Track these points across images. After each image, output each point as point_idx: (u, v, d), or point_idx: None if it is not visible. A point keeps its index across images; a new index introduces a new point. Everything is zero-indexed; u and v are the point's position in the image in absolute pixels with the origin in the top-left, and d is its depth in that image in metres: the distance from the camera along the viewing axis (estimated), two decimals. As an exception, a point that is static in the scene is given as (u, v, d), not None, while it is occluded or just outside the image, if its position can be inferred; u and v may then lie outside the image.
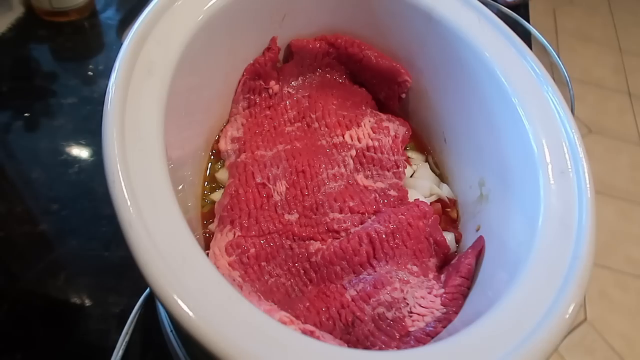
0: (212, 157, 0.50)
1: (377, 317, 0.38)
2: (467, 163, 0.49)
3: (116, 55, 0.37)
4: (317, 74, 0.55)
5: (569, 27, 2.10)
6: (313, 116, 0.50)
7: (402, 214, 0.43)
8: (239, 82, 0.51)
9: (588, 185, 0.37)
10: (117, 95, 0.35)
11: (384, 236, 0.42)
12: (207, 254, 0.41)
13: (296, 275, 0.41)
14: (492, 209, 0.44)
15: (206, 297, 0.29)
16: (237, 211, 0.44)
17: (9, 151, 0.63)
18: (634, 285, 1.40)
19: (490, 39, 0.45)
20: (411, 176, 0.51)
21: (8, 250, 0.55)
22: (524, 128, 0.40)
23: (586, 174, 0.37)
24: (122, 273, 0.53)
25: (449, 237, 0.46)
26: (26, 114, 0.66)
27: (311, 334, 0.35)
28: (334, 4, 0.52)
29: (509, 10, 0.80)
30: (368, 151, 0.49)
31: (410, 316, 0.39)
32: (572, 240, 0.34)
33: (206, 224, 0.46)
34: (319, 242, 0.43)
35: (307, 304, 0.40)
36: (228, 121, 0.52)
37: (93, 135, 0.64)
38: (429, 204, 0.47)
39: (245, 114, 0.51)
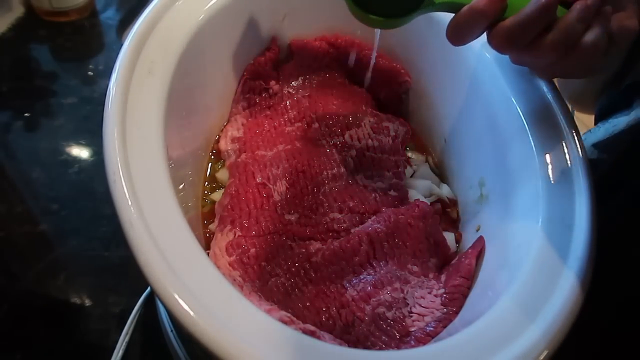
0: (212, 157, 0.50)
1: (377, 317, 0.38)
2: (467, 163, 0.49)
3: (116, 55, 0.37)
4: (317, 74, 0.55)
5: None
6: (313, 116, 0.50)
7: (402, 214, 0.43)
8: (239, 82, 0.51)
9: (588, 185, 0.37)
10: (117, 95, 0.35)
11: (384, 236, 0.42)
12: (208, 254, 0.41)
13: (296, 275, 0.41)
14: (492, 209, 0.44)
15: (207, 297, 0.29)
16: (237, 211, 0.44)
17: (9, 151, 0.63)
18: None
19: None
20: (411, 176, 0.51)
21: (8, 250, 0.55)
22: (524, 128, 0.40)
23: (586, 174, 0.37)
24: (122, 273, 0.53)
25: (449, 237, 0.46)
26: (26, 114, 0.66)
27: (311, 333, 0.35)
28: (334, 4, 0.52)
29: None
30: (368, 151, 0.49)
31: (410, 316, 0.39)
32: (572, 240, 0.34)
33: (206, 223, 0.46)
34: (319, 242, 0.43)
35: (307, 303, 0.40)
36: (228, 121, 0.52)
37: (93, 135, 0.64)
38: (429, 204, 0.47)
39: (246, 114, 0.51)
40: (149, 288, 0.52)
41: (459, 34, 0.36)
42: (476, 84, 0.46)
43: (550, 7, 0.32)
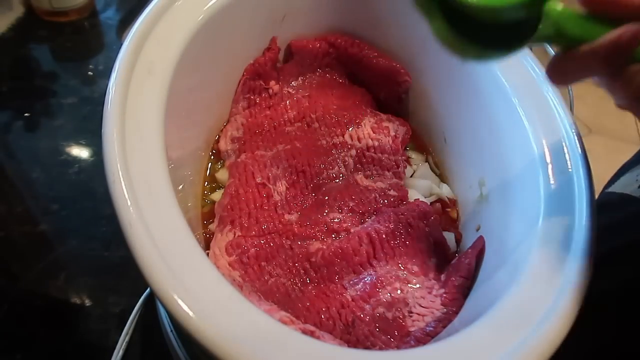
0: (212, 157, 0.50)
1: (377, 317, 0.38)
2: (467, 163, 0.49)
3: (116, 55, 0.37)
4: (317, 74, 0.55)
5: (569, 27, 2.09)
6: (313, 116, 0.50)
7: (402, 214, 0.43)
8: (239, 82, 0.51)
9: (588, 185, 0.37)
10: (117, 95, 0.35)
11: (384, 236, 0.42)
12: (207, 254, 0.41)
13: (296, 275, 0.41)
14: (492, 209, 0.44)
15: (206, 297, 0.29)
16: (237, 211, 0.44)
17: (9, 151, 0.63)
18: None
19: (490, 39, 0.45)
20: (411, 176, 0.51)
21: (8, 250, 0.55)
22: (524, 128, 0.40)
23: (586, 174, 0.37)
24: (122, 273, 0.53)
25: (449, 237, 0.46)
26: (26, 114, 0.66)
27: (311, 334, 0.35)
28: (334, 4, 0.52)
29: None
30: (368, 151, 0.49)
31: (410, 316, 0.39)
32: (572, 240, 0.34)
33: (206, 224, 0.46)
34: (319, 242, 0.43)
35: (307, 303, 0.40)
36: (228, 121, 0.52)
37: (93, 135, 0.64)
38: (429, 204, 0.47)
39: (245, 114, 0.51)
40: (149, 288, 0.52)
41: (565, 77, 0.28)
42: (476, 84, 0.46)
43: None
